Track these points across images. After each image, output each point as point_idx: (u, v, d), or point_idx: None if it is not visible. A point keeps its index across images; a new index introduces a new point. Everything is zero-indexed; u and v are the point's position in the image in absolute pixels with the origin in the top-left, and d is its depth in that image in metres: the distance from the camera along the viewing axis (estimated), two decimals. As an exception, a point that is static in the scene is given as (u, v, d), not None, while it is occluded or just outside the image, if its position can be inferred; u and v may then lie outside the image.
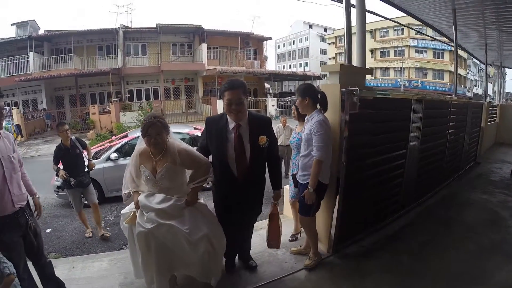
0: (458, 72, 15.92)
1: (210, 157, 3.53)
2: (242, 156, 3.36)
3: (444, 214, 5.69)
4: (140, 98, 30.15)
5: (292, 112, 4.44)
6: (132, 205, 3.29)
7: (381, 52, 50.78)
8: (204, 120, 3.67)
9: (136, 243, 3.10)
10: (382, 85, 47.45)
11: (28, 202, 3.20)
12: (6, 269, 2.69)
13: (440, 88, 44.92)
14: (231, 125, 3.37)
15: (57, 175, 5.55)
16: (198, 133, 9.67)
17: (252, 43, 34.75)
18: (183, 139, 9.07)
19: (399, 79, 46.76)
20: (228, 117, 3.38)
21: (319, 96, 3.75)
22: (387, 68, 50.26)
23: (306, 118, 3.79)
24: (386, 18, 9.69)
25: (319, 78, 37.79)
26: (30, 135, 22.87)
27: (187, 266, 3.18)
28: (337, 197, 4.04)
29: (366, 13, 5.12)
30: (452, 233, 4.95)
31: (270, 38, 36.20)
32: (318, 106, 3.75)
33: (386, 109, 4.71)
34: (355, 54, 4.82)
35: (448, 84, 44.59)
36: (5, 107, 3.19)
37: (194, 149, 3.45)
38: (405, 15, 9.08)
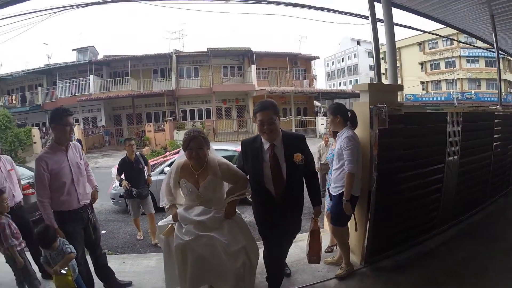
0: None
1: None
2: (279, 176, 3.37)
3: (487, 232, 5.38)
4: (193, 117, 31.60)
5: (328, 130, 4.69)
6: (170, 217, 3.34)
7: (431, 64, 48.32)
8: None
9: (173, 255, 3.12)
10: (434, 99, 45.43)
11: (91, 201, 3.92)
12: (67, 248, 3.32)
13: (495, 99, 41.20)
14: (266, 145, 3.42)
15: (120, 185, 6.04)
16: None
17: (300, 63, 35.23)
18: (231, 156, 9.57)
19: (451, 92, 44.24)
20: (262, 138, 3.46)
21: (349, 114, 3.98)
22: (439, 81, 47.76)
23: (337, 134, 4.03)
24: (423, 31, 9.61)
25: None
26: (90, 149, 25.16)
27: (221, 278, 3.10)
28: (369, 210, 4.16)
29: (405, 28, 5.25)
30: (494, 252, 4.64)
31: (318, 58, 36.27)
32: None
33: (419, 123, 4.72)
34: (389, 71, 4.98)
35: (504, 93, 41.79)
36: (73, 124, 3.83)
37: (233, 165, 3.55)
38: (443, 26, 8.93)
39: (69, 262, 3.36)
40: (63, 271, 3.29)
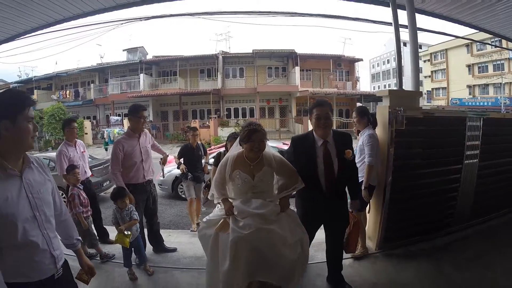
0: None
1: None
2: (331, 171, 3.55)
3: (504, 236, 5.46)
4: (237, 116, 32.72)
5: (354, 130, 5.23)
6: (217, 212, 3.43)
7: (479, 67, 45.72)
8: None
9: (221, 251, 3.05)
10: (481, 104, 42.67)
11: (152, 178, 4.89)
12: (134, 215, 4.22)
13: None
14: (319, 142, 3.60)
15: (178, 167, 6.67)
16: (286, 147, 10.68)
17: (344, 65, 35.14)
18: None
19: (499, 97, 41.38)
20: (315, 134, 3.65)
21: (371, 117, 4.60)
22: (486, 85, 45.17)
23: (360, 133, 4.61)
24: (456, 37, 9.62)
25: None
26: None
27: (271, 270, 3.00)
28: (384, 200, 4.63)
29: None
30: (505, 254, 4.69)
31: (361, 60, 35.92)
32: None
33: (437, 126, 5.04)
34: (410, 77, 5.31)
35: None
36: (146, 117, 4.99)
37: None
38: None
39: (132, 226, 4.21)
40: (126, 232, 4.10)
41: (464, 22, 8.07)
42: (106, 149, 21.58)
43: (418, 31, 5.45)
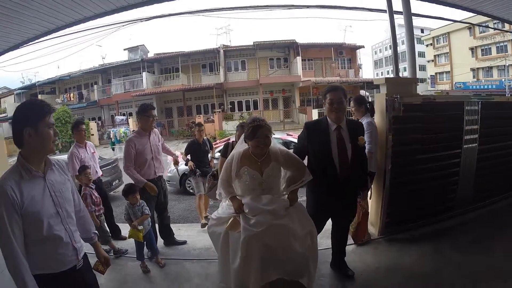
0: None
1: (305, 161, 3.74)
2: (345, 155, 3.58)
3: (506, 219, 5.48)
4: (241, 109, 32.97)
5: (353, 118, 5.35)
6: (226, 208, 3.42)
7: (482, 50, 44.64)
8: (300, 128, 3.99)
9: (233, 248, 3.06)
10: (485, 87, 42.06)
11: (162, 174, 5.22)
12: (146, 210, 4.43)
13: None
14: (333, 127, 3.63)
15: (186, 164, 6.82)
16: (290, 138, 10.87)
17: (346, 53, 35.08)
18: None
19: (503, 80, 40.61)
20: (328, 120, 3.68)
21: (368, 105, 4.75)
22: (490, 68, 44.13)
23: (359, 120, 4.70)
24: (454, 21, 9.50)
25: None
26: None
27: (283, 265, 3.00)
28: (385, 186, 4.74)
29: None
30: (506, 237, 4.79)
31: (363, 47, 35.75)
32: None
33: (435, 111, 5.13)
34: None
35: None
36: (155, 116, 5.22)
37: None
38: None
39: (144, 221, 4.44)
40: (139, 227, 4.33)
41: (461, 6, 8.02)
42: (113, 149, 21.91)
43: (416, 17, 5.50)
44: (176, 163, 5.80)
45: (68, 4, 5.57)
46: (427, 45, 56.89)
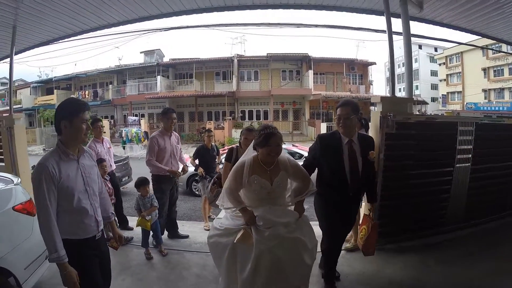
0: None
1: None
2: (356, 169, 3.67)
3: (496, 238, 5.62)
4: (252, 118, 33.39)
5: None
6: (233, 219, 3.31)
7: (494, 70, 44.43)
8: (309, 141, 4.36)
9: (241, 262, 3.02)
10: (497, 108, 41.24)
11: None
12: (154, 202, 4.95)
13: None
14: (344, 140, 3.70)
15: (195, 170, 7.13)
16: (295, 149, 11.32)
17: (357, 68, 35.53)
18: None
19: None
20: (341, 133, 3.74)
21: (363, 121, 5.10)
22: (502, 89, 43.90)
23: None
24: (459, 43, 9.61)
25: (424, 102, 37.01)
26: None
27: (289, 278, 3.03)
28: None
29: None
30: (493, 254, 4.91)
31: (375, 63, 36.07)
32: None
33: (428, 130, 5.39)
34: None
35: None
36: (175, 118, 5.80)
37: None
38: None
39: (153, 212, 4.97)
40: (147, 217, 4.86)
41: (465, 29, 8.19)
42: (124, 148, 22.46)
43: (421, 38, 5.78)
44: (184, 172, 6.14)
45: (93, 10, 6.08)
46: (439, 64, 56.55)
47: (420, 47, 63.14)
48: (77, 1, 5.59)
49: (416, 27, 7.05)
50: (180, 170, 5.81)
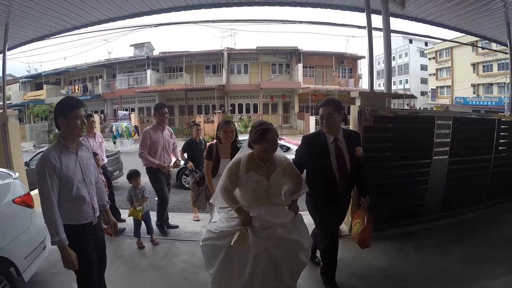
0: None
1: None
2: (344, 167, 3.65)
3: (471, 228, 5.84)
4: (241, 111, 33.61)
5: None
6: (227, 221, 3.22)
7: (483, 66, 44.97)
8: (298, 134, 4.40)
9: (237, 264, 2.99)
10: (485, 103, 42.27)
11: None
12: (146, 194, 5.18)
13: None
14: (330, 139, 3.69)
15: (185, 164, 7.23)
16: (283, 142, 11.50)
17: (347, 62, 35.92)
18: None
19: (503, 97, 39.88)
20: (325, 133, 3.73)
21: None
22: (490, 84, 44.35)
23: None
24: (442, 39, 9.63)
25: (413, 96, 37.58)
26: None
27: (283, 276, 3.04)
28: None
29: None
30: (466, 243, 5.18)
31: (364, 57, 36.28)
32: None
33: (405, 123, 5.67)
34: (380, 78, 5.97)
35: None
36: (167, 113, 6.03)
37: None
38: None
39: (144, 203, 5.21)
40: (138, 208, 5.10)
41: (449, 26, 8.47)
42: (114, 142, 22.55)
43: (404, 35, 6.00)
44: (176, 166, 6.47)
45: (85, 7, 6.27)
46: (429, 59, 57.16)
47: (410, 41, 63.25)
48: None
49: (403, 22, 7.26)
50: (171, 164, 6.06)
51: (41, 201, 2.66)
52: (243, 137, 5.70)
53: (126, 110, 31.76)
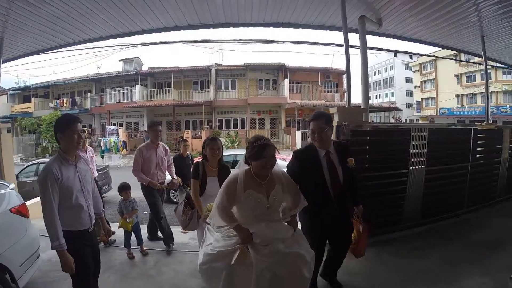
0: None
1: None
2: (337, 180, 3.63)
3: (450, 233, 6.08)
4: (229, 126, 33.90)
5: (309, 140, 5.92)
6: (224, 240, 3.10)
7: (467, 76, 46.14)
8: (285, 148, 4.37)
9: (250, 282, 2.81)
10: (469, 113, 43.39)
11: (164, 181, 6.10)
12: (135, 206, 5.42)
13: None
14: (322, 152, 3.68)
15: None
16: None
17: (332, 77, 36.37)
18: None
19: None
20: (317, 147, 3.72)
21: None
22: (474, 94, 45.66)
23: None
24: (421, 55, 10.14)
25: (398, 109, 38.15)
26: (132, 150, 27.80)
27: None
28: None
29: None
30: (444, 247, 5.44)
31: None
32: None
33: (382, 136, 5.99)
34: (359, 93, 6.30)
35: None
36: (161, 130, 6.12)
37: None
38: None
39: (134, 215, 5.45)
40: (128, 219, 5.34)
41: (426, 41, 8.95)
42: (102, 157, 22.61)
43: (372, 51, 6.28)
44: (172, 186, 6.68)
45: (78, 25, 6.56)
46: (414, 71, 58.17)
47: (395, 55, 63.38)
48: (62, 17, 6.07)
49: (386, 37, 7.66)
50: (165, 183, 6.23)
51: (43, 208, 2.91)
52: (231, 152, 5.88)
53: (114, 125, 31.99)
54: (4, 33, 6.50)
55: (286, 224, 3.24)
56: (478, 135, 7.58)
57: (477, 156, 7.55)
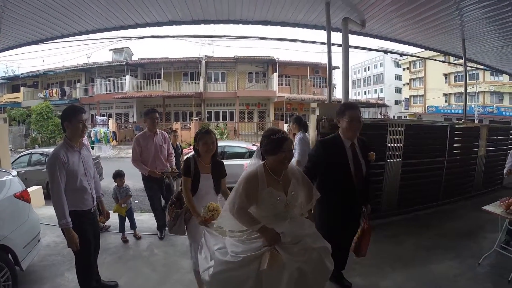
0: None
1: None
2: (360, 172, 3.67)
3: (426, 222, 6.53)
4: (218, 118, 34.07)
5: (290, 134, 5.98)
6: (244, 245, 2.75)
7: (455, 76, 46.63)
8: None
9: (282, 285, 2.58)
10: (456, 111, 43.82)
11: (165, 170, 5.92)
12: (129, 192, 5.75)
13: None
14: (347, 144, 3.67)
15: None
16: (255, 148, 11.97)
17: (322, 72, 36.23)
18: (244, 153, 11.49)
19: (473, 105, 42.35)
20: (342, 137, 3.69)
21: (302, 123, 5.92)
22: (461, 93, 42.98)
23: (295, 136, 5.85)
24: (405, 54, 10.41)
25: (385, 105, 38.74)
26: (121, 141, 28.24)
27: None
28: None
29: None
30: (419, 234, 5.84)
31: (338, 67, 36.85)
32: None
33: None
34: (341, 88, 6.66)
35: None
36: (158, 118, 6.04)
37: None
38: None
39: (128, 200, 5.78)
40: (123, 205, 5.69)
41: (408, 42, 9.28)
42: (93, 148, 22.64)
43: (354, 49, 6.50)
44: (172, 176, 6.44)
45: (73, 17, 6.75)
46: (403, 69, 58.66)
47: (385, 52, 61.32)
48: (57, 8, 6.22)
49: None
50: (166, 171, 5.90)
51: (51, 190, 3.26)
52: (220, 144, 6.05)
53: (104, 115, 31.96)
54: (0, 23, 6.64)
55: (306, 218, 3.07)
56: (455, 132, 8.03)
57: (454, 152, 7.98)
